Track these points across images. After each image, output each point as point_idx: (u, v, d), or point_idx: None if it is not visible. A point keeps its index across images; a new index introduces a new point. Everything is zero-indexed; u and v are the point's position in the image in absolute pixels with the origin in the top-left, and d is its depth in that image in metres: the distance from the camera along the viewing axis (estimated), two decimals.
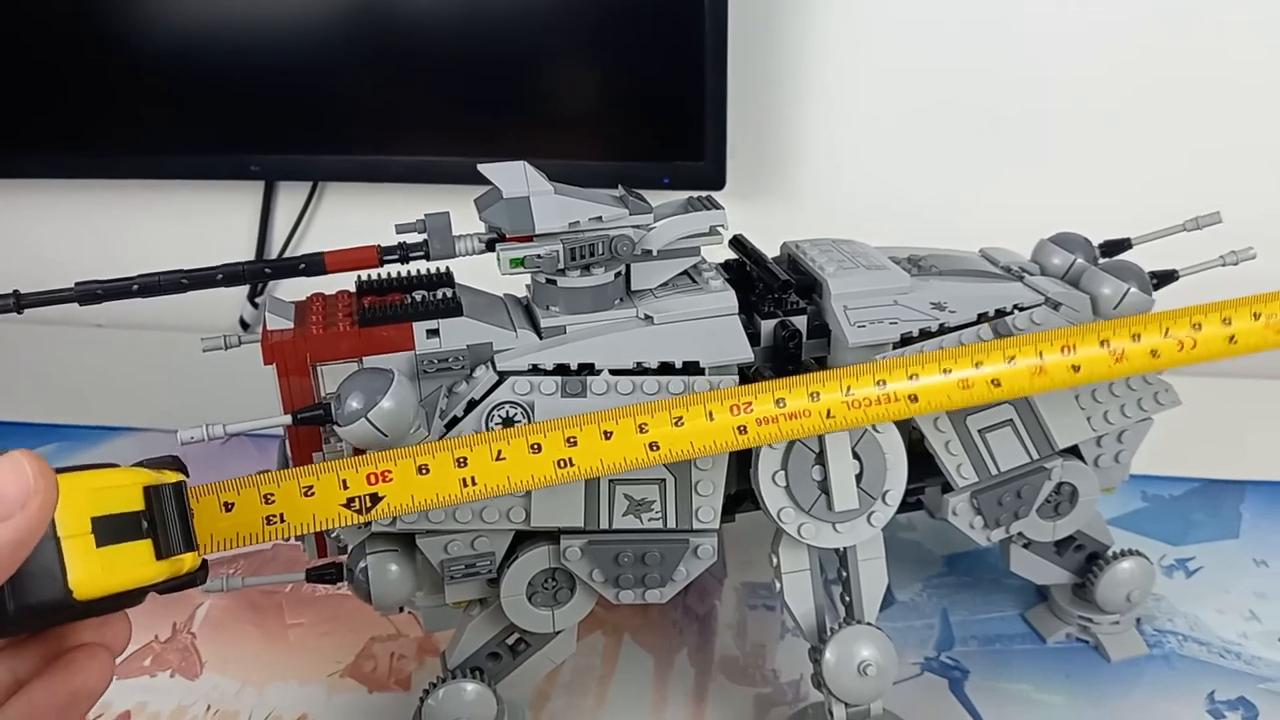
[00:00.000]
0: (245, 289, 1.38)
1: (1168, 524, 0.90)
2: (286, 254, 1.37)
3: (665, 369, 0.64)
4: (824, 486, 0.61)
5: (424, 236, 0.63)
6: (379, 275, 0.66)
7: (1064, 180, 1.19)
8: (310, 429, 0.65)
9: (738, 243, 0.74)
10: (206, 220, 1.36)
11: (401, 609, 0.81)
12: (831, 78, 1.21)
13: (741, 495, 0.68)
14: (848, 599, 0.65)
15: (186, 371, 1.23)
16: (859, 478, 0.61)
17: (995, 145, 1.21)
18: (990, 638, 0.78)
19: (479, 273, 0.68)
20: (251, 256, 1.35)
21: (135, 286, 0.60)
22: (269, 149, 1.24)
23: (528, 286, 0.69)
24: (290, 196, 1.35)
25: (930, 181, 1.21)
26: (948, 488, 0.66)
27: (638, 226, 0.64)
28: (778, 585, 0.64)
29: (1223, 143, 1.16)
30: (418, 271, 0.67)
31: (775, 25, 1.19)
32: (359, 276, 0.66)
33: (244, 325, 1.40)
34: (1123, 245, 0.77)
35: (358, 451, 0.64)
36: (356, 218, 1.35)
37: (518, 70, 1.16)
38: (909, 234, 0.80)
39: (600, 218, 0.63)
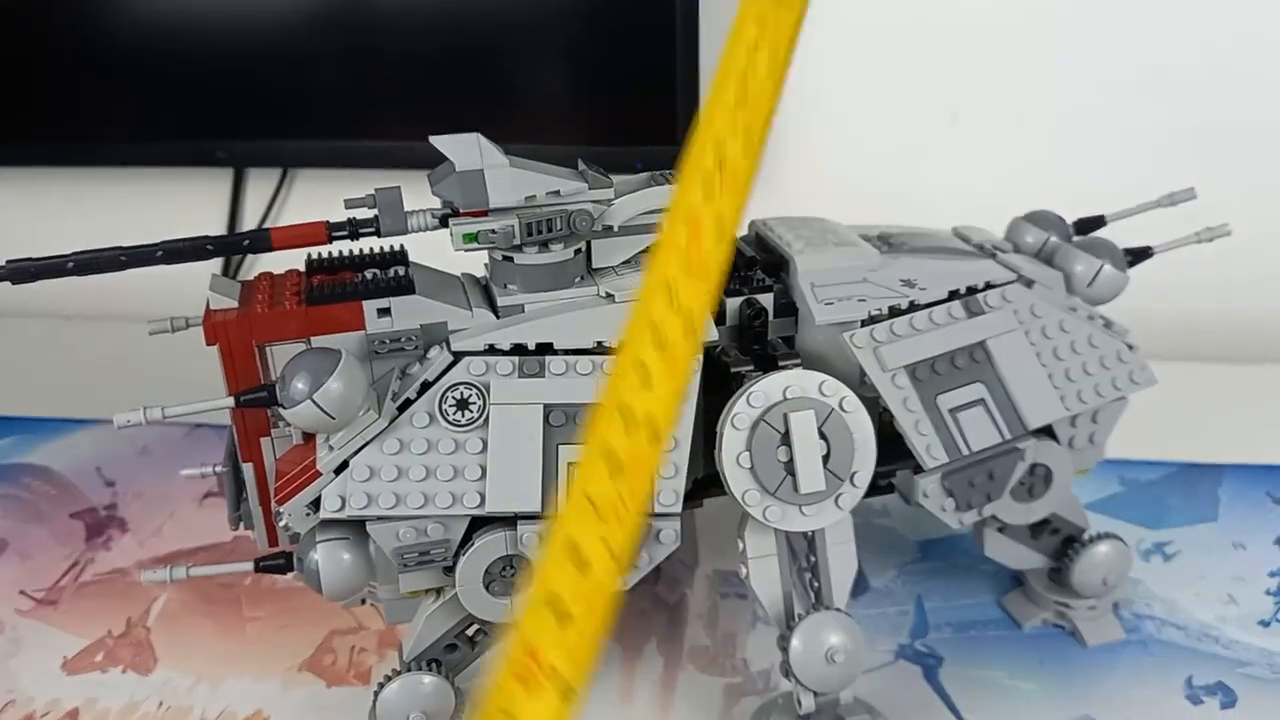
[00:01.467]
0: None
1: (1145, 508, 0.88)
2: None
3: None
4: (790, 468, 0.59)
5: (374, 212, 0.61)
6: (330, 253, 0.64)
7: (1039, 160, 1.17)
8: (257, 413, 0.62)
9: None
10: (176, 210, 1.33)
11: (364, 601, 0.79)
12: (805, 59, 1.19)
13: (710, 479, 0.66)
14: (816, 585, 0.63)
15: (154, 363, 1.21)
16: (826, 459, 0.59)
17: (969, 128, 1.19)
18: (964, 624, 0.76)
19: (438, 253, 0.66)
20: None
21: (70, 264, 0.58)
22: (235, 135, 1.21)
23: (486, 265, 0.67)
24: (260, 185, 1.33)
25: (904, 164, 1.19)
26: (919, 469, 0.65)
27: (598, 202, 0.62)
28: (744, 570, 0.62)
29: (1198, 120, 1.15)
30: (370, 250, 0.65)
31: None
32: (309, 255, 0.64)
33: None
34: (1097, 223, 0.76)
35: (306, 436, 0.62)
36: (327, 205, 1.32)
37: (488, 54, 1.14)
38: (884, 216, 0.78)
39: (558, 192, 0.61)
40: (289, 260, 0.66)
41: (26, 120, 1.24)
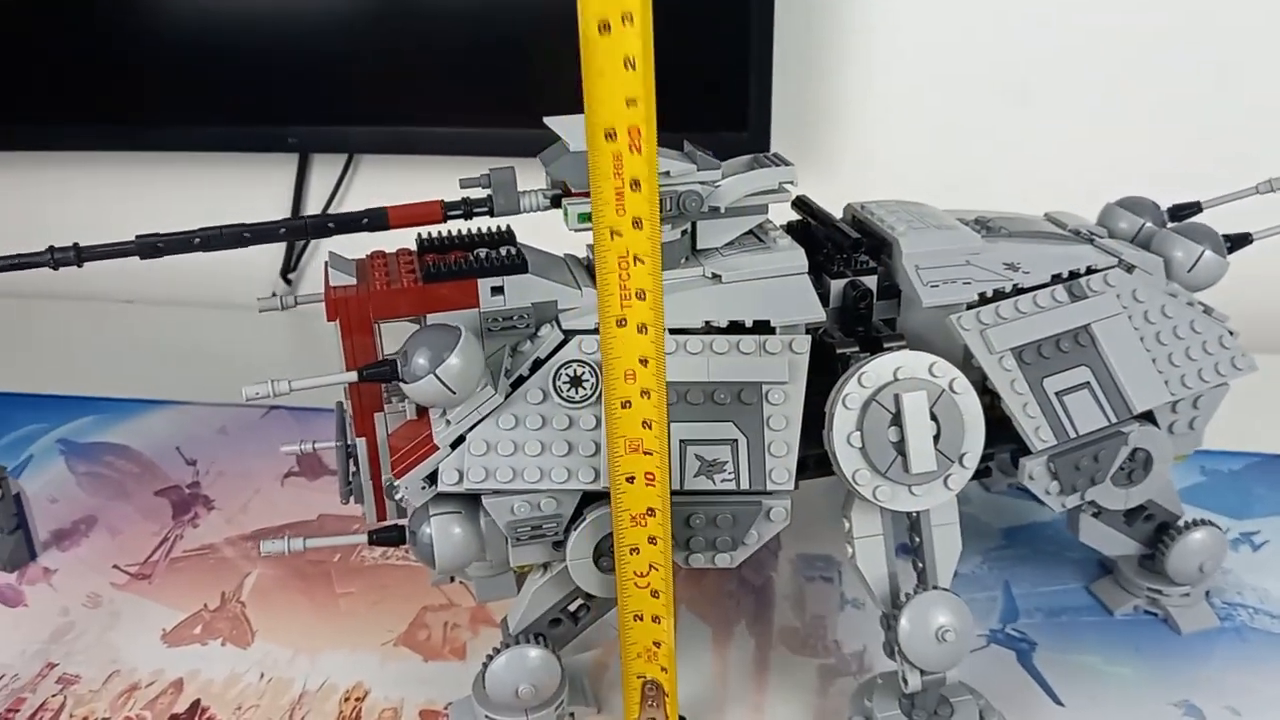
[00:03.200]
0: (279, 265, 1.37)
1: (1228, 498, 0.88)
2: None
3: (735, 328, 0.62)
4: (900, 448, 0.59)
5: (488, 192, 0.62)
6: (439, 233, 0.65)
7: (1112, 145, 1.17)
8: (372, 389, 0.63)
9: (802, 203, 0.73)
10: (239, 195, 1.35)
11: (453, 579, 0.81)
12: (875, 48, 1.19)
13: (803, 462, 0.66)
14: (920, 565, 0.63)
15: (218, 347, 1.23)
16: (936, 439, 0.59)
17: (1039, 113, 1.18)
18: (1055, 610, 0.76)
19: (535, 235, 0.67)
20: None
21: (197, 240, 0.59)
22: (305, 120, 1.23)
23: (589, 246, 0.68)
24: (323, 171, 1.34)
25: (973, 151, 1.19)
26: (1021, 452, 0.65)
27: (705, 183, 0.63)
28: (849, 550, 0.62)
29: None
30: (479, 230, 0.66)
31: None
32: (419, 234, 0.65)
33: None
34: (1192, 209, 0.75)
35: (420, 411, 0.63)
36: (390, 191, 1.34)
37: (552, 43, 1.15)
38: (956, 205, 0.78)
39: (668, 173, 0.61)
40: (355, 246, 0.66)
41: (97, 106, 1.26)
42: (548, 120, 0.61)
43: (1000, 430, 0.65)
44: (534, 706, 0.64)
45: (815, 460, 0.64)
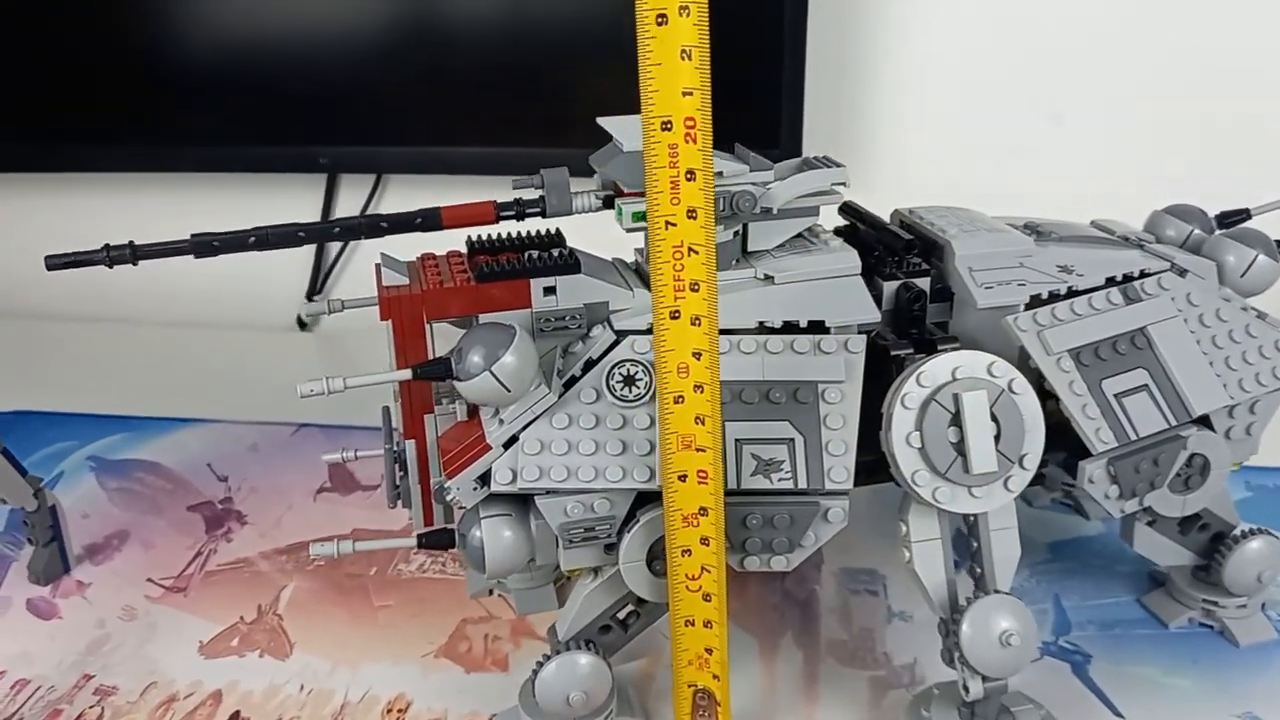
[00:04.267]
0: (305, 287, 1.37)
1: (1276, 512, 0.87)
2: (348, 250, 1.36)
3: (789, 329, 0.62)
4: (960, 449, 0.58)
5: (540, 193, 0.62)
6: (490, 235, 0.65)
7: (1150, 159, 1.17)
8: (422, 391, 0.63)
9: (850, 209, 0.72)
10: (268, 215, 1.35)
11: (491, 592, 0.79)
12: (906, 65, 1.19)
13: (859, 468, 0.65)
14: (979, 571, 0.62)
15: (247, 367, 1.23)
16: (996, 440, 0.59)
17: (1072, 131, 1.19)
18: (1108, 623, 0.75)
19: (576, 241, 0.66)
20: (313, 252, 1.34)
21: (252, 239, 0.59)
22: (334, 141, 1.23)
23: (638, 251, 0.68)
24: (351, 192, 1.34)
25: (1005, 167, 1.19)
26: (1081, 456, 0.64)
27: (757, 184, 0.62)
28: (906, 555, 0.61)
29: None
30: (529, 232, 0.65)
31: (851, 13, 1.17)
32: (469, 237, 0.65)
33: (301, 324, 1.39)
34: (1241, 215, 0.75)
35: (470, 413, 0.63)
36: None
37: (588, 60, 1.16)
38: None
39: (721, 173, 0.61)
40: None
41: (128, 127, 1.26)
42: (601, 120, 0.61)
43: (1053, 437, 0.64)
44: (584, 716, 0.63)
45: (866, 467, 0.63)
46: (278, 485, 0.96)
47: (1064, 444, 0.65)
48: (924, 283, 0.65)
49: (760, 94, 1.09)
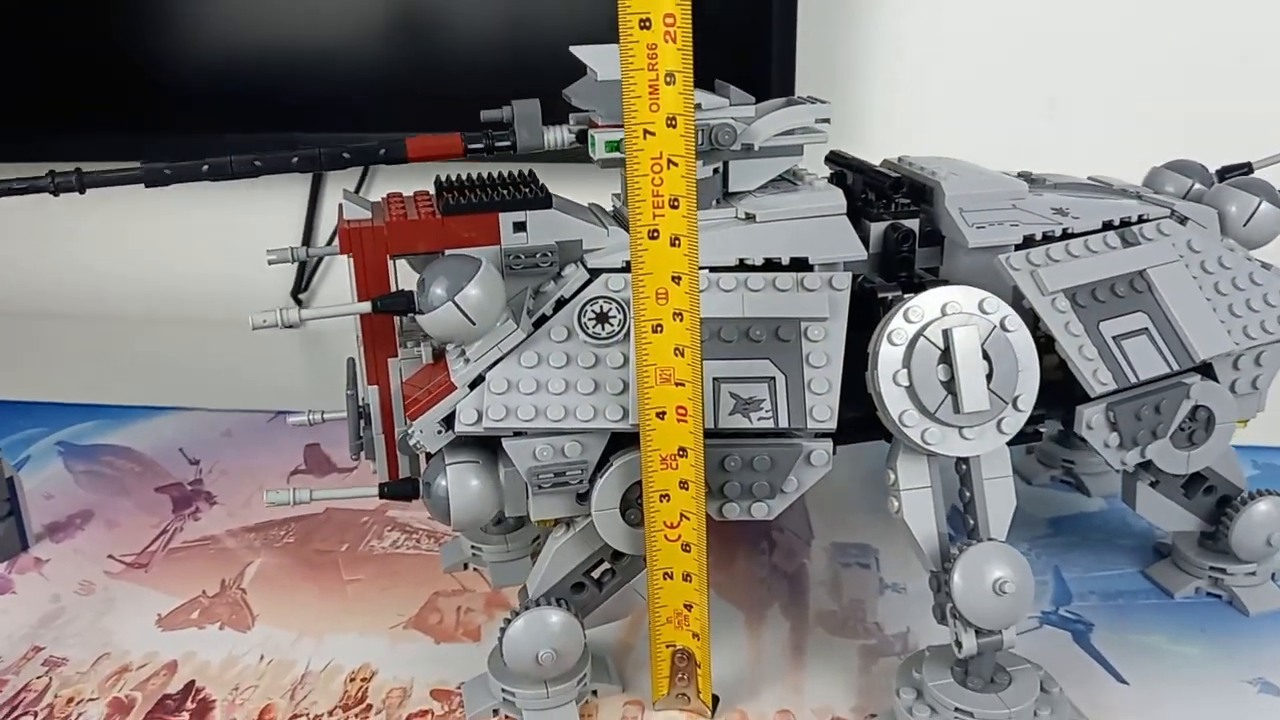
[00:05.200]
0: (290, 285, 1.35)
1: None
2: (328, 243, 1.34)
3: (771, 266, 0.59)
4: (950, 387, 0.55)
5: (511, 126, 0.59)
6: (461, 176, 0.62)
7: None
8: (386, 333, 0.60)
9: (836, 156, 0.70)
10: (255, 204, 1.33)
11: (466, 565, 0.76)
12: (904, 26, 1.17)
13: (840, 426, 0.61)
14: (972, 522, 0.59)
15: (224, 360, 1.20)
16: (988, 379, 0.55)
17: (1073, 99, 1.16)
18: (1111, 593, 0.71)
19: None
20: (298, 243, 1.32)
21: (205, 168, 0.56)
22: (322, 129, 1.21)
23: (615, 196, 0.65)
24: (339, 183, 1.32)
25: (1002, 131, 1.16)
26: (1080, 401, 0.60)
27: (738, 119, 0.60)
28: (894, 504, 0.58)
29: None
30: (501, 173, 0.63)
31: None
32: (437, 177, 0.62)
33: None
34: (1242, 169, 0.72)
35: (436, 357, 0.60)
36: None
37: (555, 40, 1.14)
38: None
39: (700, 105, 0.59)
40: None
41: (111, 118, 1.25)
42: (576, 50, 0.59)
43: (1051, 393, 0.61)
44: (555, 678, 0.60)
45: (855, 424, 0.60)
46: (250, 468, 0.93)
47: (1062, 401, 0.62)
48: (913, 224, 0.62)
49: (750, 51, 1.06)
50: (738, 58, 1.07)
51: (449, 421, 0.56)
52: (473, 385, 0.56)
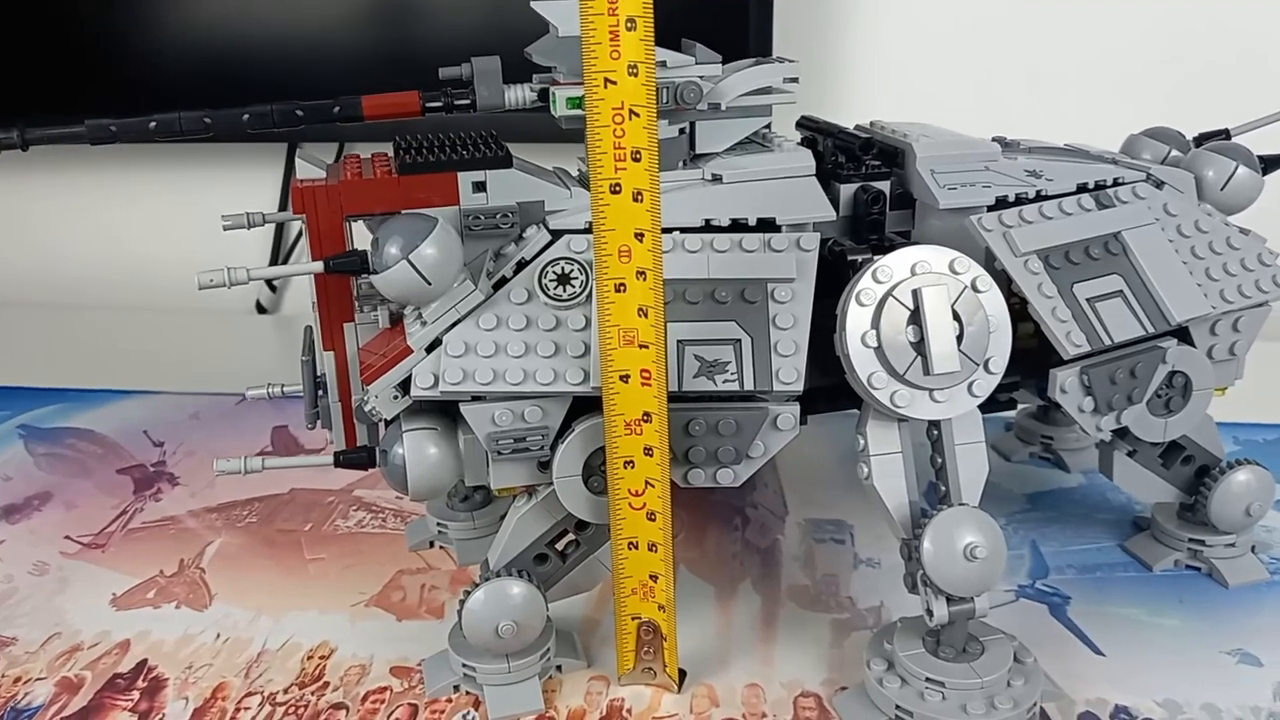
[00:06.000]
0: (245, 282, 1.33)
1: (1265, 463, 0.82)
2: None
3: (737, 227, 0.57)
4: (920, 348, 0.54)
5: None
6: (421, 139, 0.60)
7: (1121, 91, 1.13)
8: (342, 296, 0.58)
9: (807, 121, 0.68)
10: (228, 184, 1.31)
11: (432, 544, 0.74)
12: (877, 17, 1.16)
13: (812, 395, 0.60)
14: (943, 488, 0.57)
15: (194, 346, 1.18)
16: (959, 340, 0.54)
17: (1052, 57, 1.15)
18: (1089, 566, 0.70)
19: None
20: (271, 236, 1.30)
21: (153, 124, 0.55)
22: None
23: (580, 159, 0.63)
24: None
25: (982, 97, 1.15)
26: (1055, 364, 0.59)
27: (705, 77, 0.58)
28: (864, 470, 0.56)
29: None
30: (461, 135, 0.61)
31: None
32: (396, 138, 0.61)
33: (260, 309, 1.34)
34: (1219, 136, 0.71)
35: (393, 321, 0.58)
36: None
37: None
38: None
39: (664, 63, 0.57)
40: None
41: (91, 101, 1.22)
42: (536, 5, 0.57)
43: (1024, 360, 0.59)
44: (517, 652, 0.58)
45: (825, 392, 0.58)
46: (215, 450, 0.91)
47: (1036, 371, 0.61)
48: (883, 186, 0.61)
49: (727, 17, 1.05)
50: (715, 24, 1.05)
51: (405, 386, 0.55)
52: (430, 349, 0.54)
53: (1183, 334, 0.62)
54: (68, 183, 1.34)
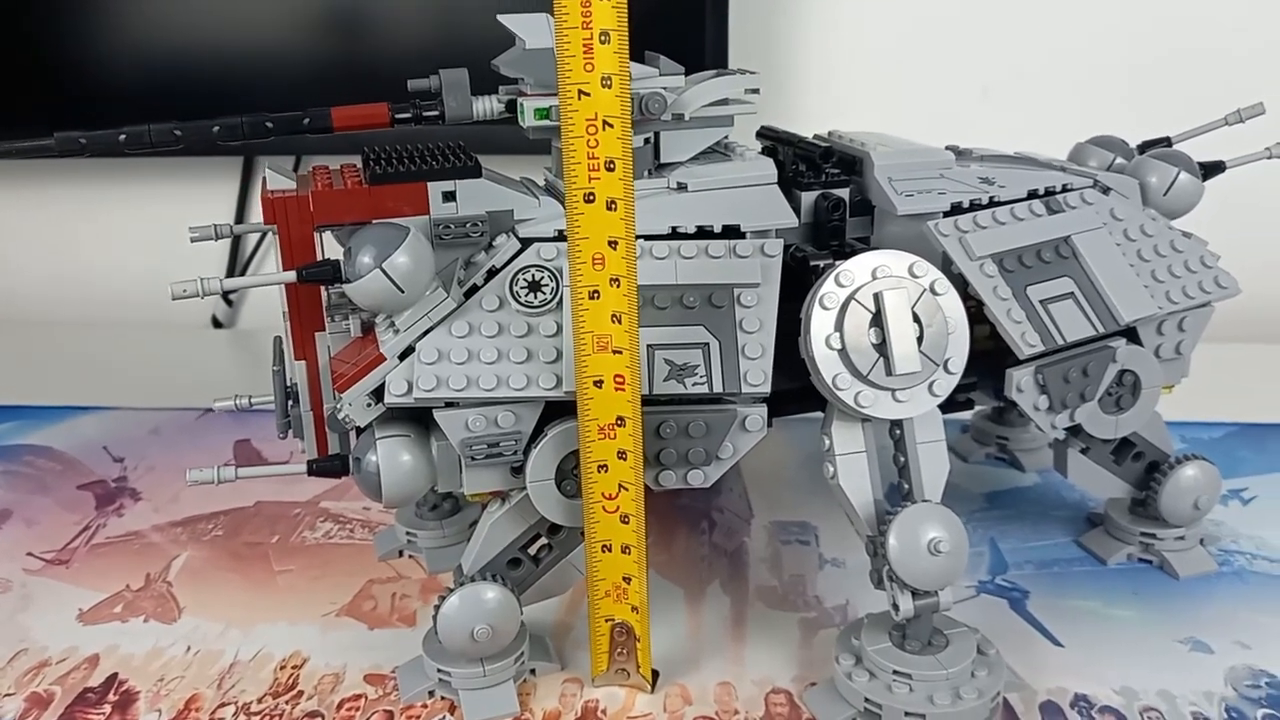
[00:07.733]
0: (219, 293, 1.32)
1: (1214, 460, 0.85)
2: (264, 248, 1.31)
3: (703, 234, 0.59)
4: (882, 350, 0.55)
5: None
6: (390, 150, 0.61)
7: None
8: (312, 305, 0.59)
9: (767, 131, 0.70)
10: (186, 197, 1.30)
11: (401, 553, 0.75)
12: (834, 29, 1.19)
13: (780, 397, 0.61)
14: (906, 486, 0.59)
15: (155, 361, 1.17)
16: (919, 341, 0.56)
17: (1002, 70, 1.18)
18: (1046, 562, 0.72)
19: None
20: (228, 251, 1.29)
21: (122, 137, 0.55)
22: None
23: (547, 169, 0.65)
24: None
25: (935, 106, 1.18)
26: (1010, 364, 0.61)
27: (668, 88, 0.60)
28: (829, 470, 0.58)
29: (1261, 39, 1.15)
30: (430, 145, 0.62)
31: None
32: (364, 149, 0.61)
33: (216, 324, 1.33)
34: (1162, 144, 0.74)
35: (365, 330, 0.59)
36: None
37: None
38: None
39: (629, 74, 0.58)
40: None
41: (48, 115, 1.21)
42: (503, 18, 0.58)
43: (982, 361, 0.61)
44: (491, 656, 0.58)
45: (791, 394, 0.60)
46: (178, 464, 0.90)
47: (992, 372, 0.63)
48: (843, 193, 0.63)
49: (683, 28, 1.06)
50: (672, 37, 1.07)
51: (379, 394, 0.55)
52: (403, 356, 0.55)
53: (1131, 334, 0.65)
54: (19, 197, 1.32)
